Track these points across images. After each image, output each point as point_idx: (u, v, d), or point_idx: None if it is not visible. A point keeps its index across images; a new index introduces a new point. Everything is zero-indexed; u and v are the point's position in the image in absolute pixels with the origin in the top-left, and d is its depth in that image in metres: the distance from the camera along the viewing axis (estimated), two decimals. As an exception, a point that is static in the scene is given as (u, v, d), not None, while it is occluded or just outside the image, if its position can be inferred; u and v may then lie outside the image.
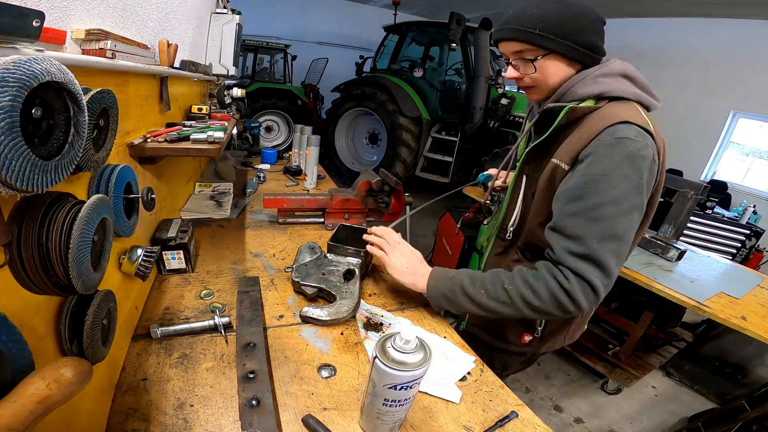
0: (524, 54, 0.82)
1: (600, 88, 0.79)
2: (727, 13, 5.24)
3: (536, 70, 0.82)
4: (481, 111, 4.92)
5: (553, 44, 0.78)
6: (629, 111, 0.76)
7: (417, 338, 0.61)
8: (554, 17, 0.77)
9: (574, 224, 0.75)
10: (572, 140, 0.79)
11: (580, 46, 0.79)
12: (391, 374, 0.58)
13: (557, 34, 0.78)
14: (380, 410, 0.64)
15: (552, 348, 1.09)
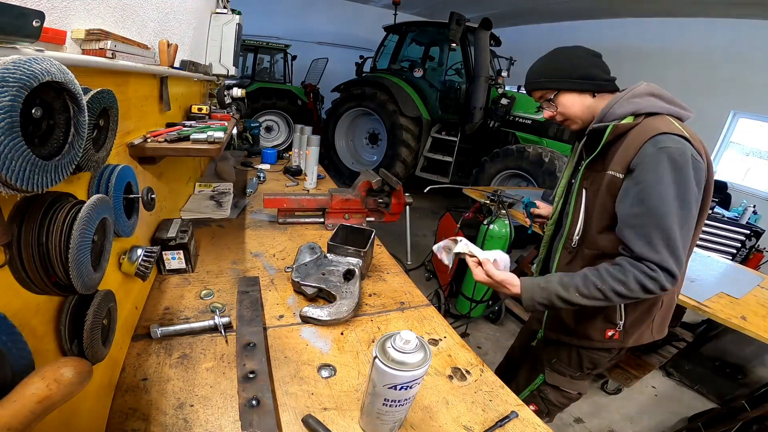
0: (544, 97, 1.07)
1: (634, 107, 0.95)
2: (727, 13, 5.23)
3: (557, 107, 1.06)
4: (481, 111, 4.92)
5: (557, 84, 1.03)
6: (664, 123, 0.90)
7: (417, 338, 0.61)
8: (551, 65, 1.05)
9: (643, 223, 0.88)
10: (621, 153, 0.93)
11: (579, 78, 1.02)
12: (391, 374, 0.59)
13: (557, 77, 1.03)
14: (380, 410, 0.64)
15: (640, 341, 1.12)
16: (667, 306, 1.12)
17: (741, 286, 1.89)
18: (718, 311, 1.61)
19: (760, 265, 3.48)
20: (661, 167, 0.86)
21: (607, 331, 1.09)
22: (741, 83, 5.33)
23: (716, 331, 2.52)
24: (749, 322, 1.55)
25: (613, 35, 6.64)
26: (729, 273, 2.09)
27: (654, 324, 1.12)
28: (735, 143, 5.76)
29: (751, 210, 4.65)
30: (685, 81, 5.81)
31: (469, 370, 0.87)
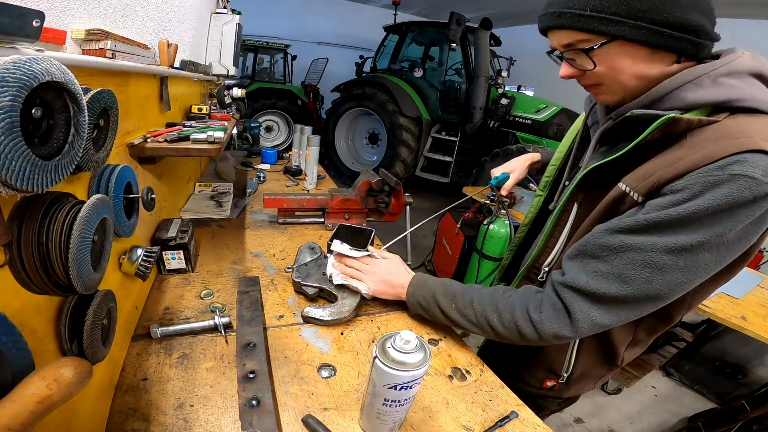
0: (577, 45, 0.60)
1: (724, 94, 0.55)
2: (727, 13, 5.24)
3: (596, 65, 0.60)
4: (481, 111, 4.92)
5: (614, 27, 0.55)
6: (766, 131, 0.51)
7: (417, 338, 0.61)
8: None
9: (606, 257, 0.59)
10: (661, 162, 0.57)
11: (666, 27, 0.54)
12: (391, 374, 0.59)
13: (621, 13, 0.54)
14: (380, 410, 0.64)
15: (581, 391, 0.95)
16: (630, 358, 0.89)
17: (741, 286, 1.89)
18: (718, 311, 1.61)
19: (760, 265, 3.48)
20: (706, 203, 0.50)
21: (546, 380, 0.91)
22: (741, 83, 5.32)
23: (716, 331, 2.52)
24: (749, 322, 1.55)
25: (613, 35, 6.63)
26: (729, 273, 2.09)
27: (601, 380, 0.93)
28: (735, 143, 5.76)
29: (751, 210, 4.64)
30: (685, 81, 5.81)
31: (469, 370, 0.87)
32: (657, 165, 0.57)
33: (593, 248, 0.62)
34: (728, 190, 0.49)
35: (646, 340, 0.82)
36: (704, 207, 0.50)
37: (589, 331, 0.65)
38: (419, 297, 0.87)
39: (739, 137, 0.51)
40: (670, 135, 0.57)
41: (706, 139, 0.54)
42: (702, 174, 0.51)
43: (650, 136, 0.57)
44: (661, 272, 0.55)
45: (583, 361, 0.86)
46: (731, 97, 0.55)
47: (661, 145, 0.59)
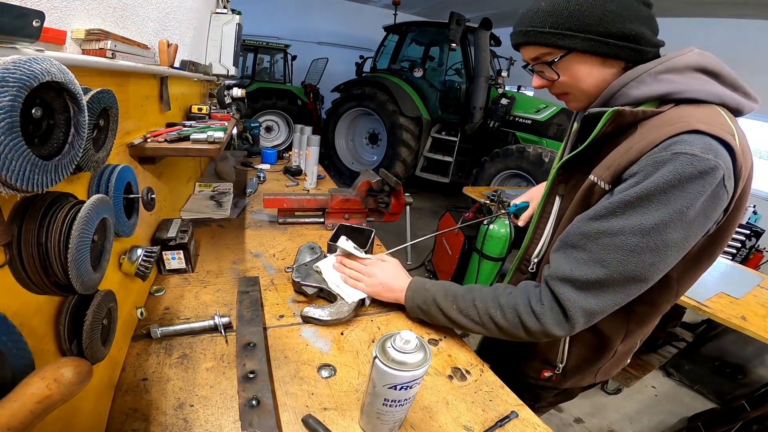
0: (542, 58, 0.69)
1: (665, 88, 0.61)
2: (727, 13, 5.24)
3: (559, 75, 0.69)
4: (481, 111, 4.92)
5: (569, 41, 0.64)
6: (705, 116, 0.58)
7: (417, 338, 0.61)
8: (567, 8, 0.63)
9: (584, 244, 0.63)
10: (618, 152, 0.63)
11: (610, 37, 0.63)
12: (391, 374, 0.59)
13: (573, 28, 0.63)
14: (380, 410, 0.64)
15: (580, 383, 0.96)
16: (620, 356, 0.91)
17: (741, 286, 1.89)
18: (718, 311, 1.61)
19: (760, 265, 3.48)
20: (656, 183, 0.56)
21: (543, 371, 0.95)
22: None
23: (716, 331, 2.52)
24: (749, 322, 1.55)
25: (613, 35, 6.63)
26: (729, 273, 2.10)
27: (601, 370, 0.93)
28: (735, 143, 5.76)
29: (751, 210, 4.64)
30: (685, 81, 5.81)
31: (469, 370, 0.87)
32: (615, 155, 0.64)
33: (573, 238, 0.66)
34: (673, 167, 0.55)
35: (638, 331, 0.85)
36: (656, 185, 0.56)
37: (583, 320, 0.66)
38: (418, 301, 0.86)
39: (678, 122, 0.57)
40: (622, 127, 0.64)
41: (651, 127, 0.60)
42: (650, 156, 0.58)
43: (604, 129, 0.64)
44: (633, 254, 0.59)
45: (576, 353, 0.89)
46: (671, 90, 0.62)
47: (617, 137, 0.66)
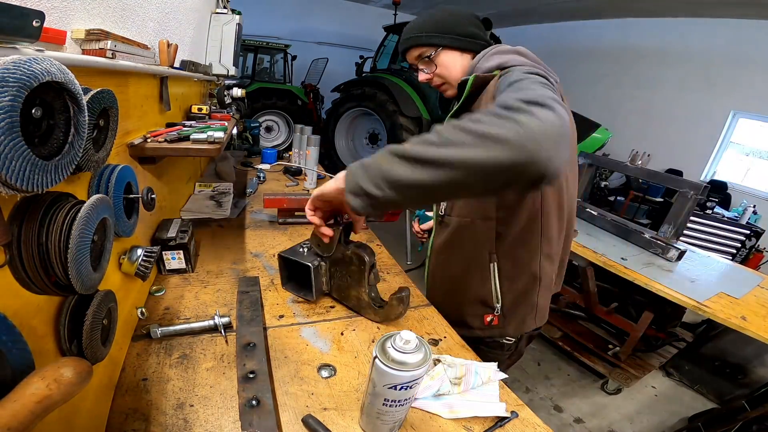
0: (423, 55, 0.99)
1: (498, 60, 0.89)
2: (727, 13, 5.23)
3: (436, 66, 0.98)
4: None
5: (439, 40, 0.96)
6: None
7: (417, 338, 0.62)
8: (433, 20, 0.97)
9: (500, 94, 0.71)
10: (484, 98, 0.88)
11: (462, 36, 0.96)
12: (391, 374, 0.59)
13: (439, 31, 0.96)
14: (380, 410, 0.64)
15: (522, 329, 1.06)
16: (545, 287, 1.04)
17: (741, 286, 1.89)
18: (718, 311, 1.61)
19: (760, 265, 3.48)
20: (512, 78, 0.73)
21: (485, 316, 1.04)
22: (741, 83, 5.32)
23: (716, 331, 2.52)
24: (749, 322, 1.55)
25: (613, 35, 6.64)
26: (729, 273, 2.10)
27: (538, 309, 1.06)
28: (735, 143, 5.75)
29: (751, 210, 4.65)
30: (685, 81, 5.81)
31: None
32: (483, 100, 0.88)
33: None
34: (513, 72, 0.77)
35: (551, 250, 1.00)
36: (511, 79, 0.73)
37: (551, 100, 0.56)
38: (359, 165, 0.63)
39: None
40: (480, 87, 0.89)
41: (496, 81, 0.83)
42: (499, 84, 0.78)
43: (471, 88, 0.88)
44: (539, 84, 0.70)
45: (507, 288, 1.01)
46: (503, 61, 0.88)
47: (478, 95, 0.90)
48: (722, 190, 5.37)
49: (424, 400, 0.74)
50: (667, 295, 1.73)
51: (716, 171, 5.91)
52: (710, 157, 5.83)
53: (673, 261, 2.07)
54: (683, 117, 5.83)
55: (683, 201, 2.05)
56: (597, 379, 2.40)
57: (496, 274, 1.00)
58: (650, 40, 6.21)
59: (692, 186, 2.03)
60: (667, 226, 2.14)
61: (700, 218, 2.77)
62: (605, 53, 6.66)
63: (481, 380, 0.79)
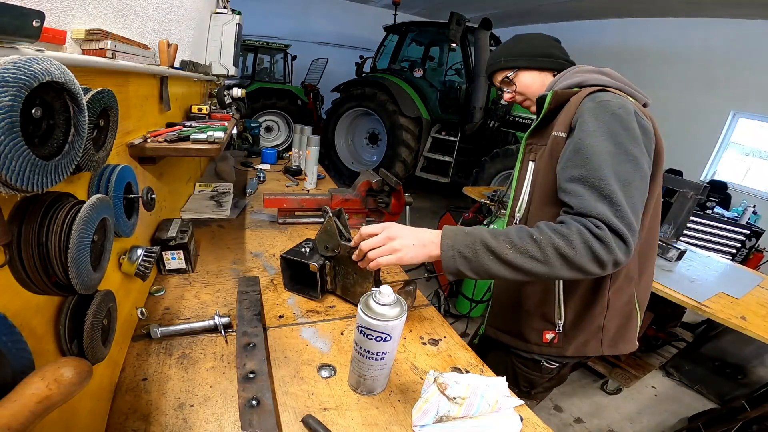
0: (505, 78, 1.07)
1: (579, 78, 0.93)
2: (727, 13, 5.23)
3: (516, 86, 1.07)
4: (481, 111, 4.92)
5: (515, 62, 1.05)
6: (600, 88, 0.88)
7: (394, 295, 0.70)
8: (510, 46, 1.07)
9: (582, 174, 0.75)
10: (563, 115, 0.89)
11: (538, 56, 1.03)
12: (364, 320, 0.68)
13: (515, 55, 1.05)
14: (358, 362, 0.72)
15: (584, 352, 0.99)
16: (621, 313, 0.97)
17: (741, 286, 1.89)
18: (718, 311, 1.61)
19: (760, 265, 3.48)
20: (599, 120, 0.78)
21: (545, 333, 0.98)
22: (741, 83, 5.32)
23: (716, 331, 2.52)
24: (749, 322, 1.55)
25: (613, 35, 6.64)
26: (729, 273, 2.09)
27: (605, 334, 0.97)
28: (735, 143, 5.76)
29: (751, 210, 4.65)
30: (685, 81, 5.81)
31: (468, 371, 0.87)
32: (561, 117, 0.89)
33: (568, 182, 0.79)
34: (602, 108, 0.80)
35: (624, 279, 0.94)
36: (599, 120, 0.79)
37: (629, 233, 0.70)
38: (460, 246, 0.73)
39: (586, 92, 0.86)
40: (560, 103, 0.91)
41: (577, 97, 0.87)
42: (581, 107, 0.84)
43: (550, 105, 0.91)
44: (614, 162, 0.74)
45: (572, 305, 0.96)
46: (582, 80, 0.92)
47: (558, 111, 0.92)
48: (722, 190, 5.37)
49: (427, 428, 0.70)
50: (667, 295, 1.73)
51: (716, 171, 5.91)
52: (710, 157, 5.83)
53: (673, 261, 2.07)
54: (683, 117, 5.83)
55: (683, 201, 2.05)
56: (597, 379, 2.40)
57: (560, 287, 0.95)
58: (650, 40, 6.22)
59: (692, 186, 2.03)
60: (667, 226, 2.14)
61: (700, 218, 2.77)
62: (605, 53, 6.66)
63: (488, 404, 0.72)
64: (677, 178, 2.31)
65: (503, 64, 1.06)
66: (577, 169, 0.76)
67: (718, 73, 5.53)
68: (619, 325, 0.98)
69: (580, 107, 0.84)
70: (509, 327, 1.06)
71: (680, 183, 2.11)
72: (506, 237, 0.73)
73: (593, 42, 6.87)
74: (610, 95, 0.82)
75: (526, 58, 1.04)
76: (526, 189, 0.99)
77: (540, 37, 1.07)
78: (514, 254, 0.71)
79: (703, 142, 5.82)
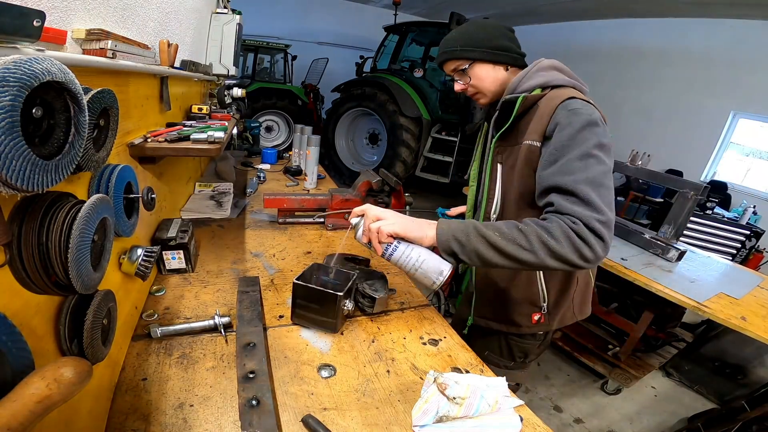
0: (458, 68, 1.03)
1: (542, 79, 0.95)
2: (727, 13, 5.23)
3: (471, 78, 1.03)
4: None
5: (472, 53, 1.00)
6: (569, 92, 0.93)
7: None
8: (467, 34, 1.01)
9: (558, 180, 0.83)
10: (535, 122, 0.93)
11: (494, 49, 1.00)
12: None
13: (473, 45, 1.00)
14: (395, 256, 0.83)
15: (563, 322, 1.14)
16: (583, 285, 1.12)
17: (741, 286, 1.89)
18: (718, 311, 1.61)
19: (760, 266, 3.48)
20: (574, 128, 0.84)
21: (533, 315, 1.09)
22: (741, 83, 5.32)
23: (716, 331, 2.52)
24: (749, 323, 1.55)
25: (613, 35, 6.64)
26: (729, 273, 2.09)
27: (574, 304, 1.12)
28: (735, 143, 5.75)
29: (751, 210, 4.65)
30: (685, 81, 5.81)
31: (468, 370, 0.87)
32: (535, 124, 0.93)
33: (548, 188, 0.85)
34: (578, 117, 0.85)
35: None
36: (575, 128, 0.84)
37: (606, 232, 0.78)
38: (455, 231, 0.83)
39: (560, 97, 0.90)
40: (528, 106, 0.95)
41: (547, 101, 0.92)
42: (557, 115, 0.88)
43: (519, 109, 0.94)
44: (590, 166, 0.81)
45: (552, 288, 1.06)
46: (546, 80, 0.95)
47: (524, 115, 0.96)
48: (722, 190, 5.37)
49: (427, 428, 0.70)
50: (667, 295, 1.73)
51: (716, 171, 5.90)
52: (710, 157, 5.82)
53: (673, 261, 2.07)
54: (683, 117, 5.83)
55: (683, 201, 2.05)
56: (597, 379, 2.40)
57: (541, 276, 1.05)
58: (650, 40, 6.21)
59: (692, 186, 2.02)
60: (667, 227, 2.14)
61: (700, 219, 2.77)
62: (605, 53, 6.66)
63: (488, 404, 0.73)
64: (677, 178, 2.31)
65: (458, 54, 1.01)
66: (554, 177, 0.84)
67: (718, 74, 5.52)
68: (583, 293, 1.14)
69: (554, 116, 0.89)
70: (499, 315, 1.14)
71: (680, 183, 2.11)
72: (495, 227, 0.82)
73: (593, 42, 6.86)
74: (579, 103, 0.88)
75: (483, 50, 1.00)
76: (497, 191, 1.03)
77: (496, 26, 1.03)
78: (503, 241, 0.80)
79: (703, 142, 5.81)
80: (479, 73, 1.02)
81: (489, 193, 1.06)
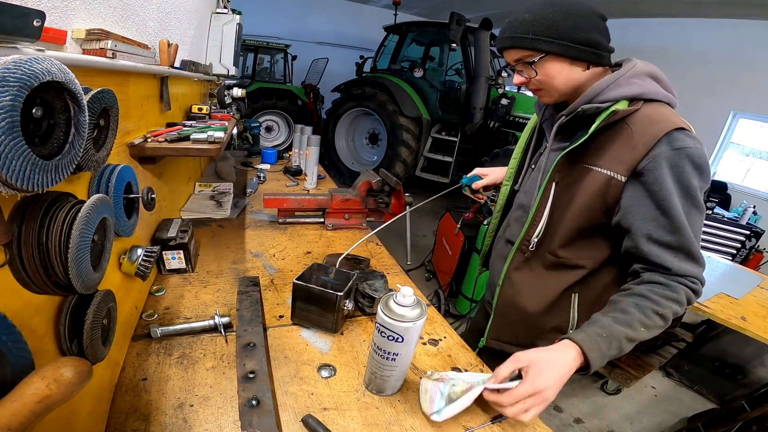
0: (524, 59, 0.82)
1: (635, 90, 0.79)
2: (727, 13, 5.23)
3: (537, 73, 0.83)
4: (481, 111, 4.91)
5: (547, 46, 0.78)
6: (670, 114, 0.78)
7: (415, 297, 0.69)
8: (545, 19, 0.78)
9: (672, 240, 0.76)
10: (620, 149, 0.78)
11: (578, 44, 0.78)
12: (384, 320, 0.68)
13: (550, 36, 0.78)
14: (375, 361, 0.71)
15: None
16: None
17: (741, 286, 1.89)
18: (718, 311, 1.61)
19: (760, 266, 3.48)
20: (686, 174, 0.73)
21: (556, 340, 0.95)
22: (741, 84, 5.33)
23: (716, 331, 2.52)
24: (749, 323, 1.55)
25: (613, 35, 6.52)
26: (729, 273, 2.10)
27: None
28: (735, 144, 5.76)
29: (751, 210, 4.65)
30: (685, 81, 5.80)
31: (468, 370, 0.87)
32: (620, 150, 0.78)
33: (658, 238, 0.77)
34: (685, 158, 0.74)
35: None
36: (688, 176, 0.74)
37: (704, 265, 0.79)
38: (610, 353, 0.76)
39: (662, 122, 0.76)
40: (611, 122, 0.78)
41: (640, 124, 0.77)
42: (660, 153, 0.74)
43: (600, 124, 0.78)
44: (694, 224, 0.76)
45: (584, 314, 0.93)
46: (641, 91, 0.79)
47: (606, 132, 0.80)
48: (722, 190, 5.37)
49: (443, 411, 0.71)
50: (667, 295, 1.73)
51: (716, 171, 5.91)
52: (710, 157, 5.83)
53: (673, 261, 2.07)
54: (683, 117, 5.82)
55: (683, 201, 2.05)
56: (597, 379, 2.40)
57: (575, 305, 0.93)
58: (650, 40, 6.22)
59: (692, 186, 2.02)
60: (667, 227, 2.14)
61: (700, 218, 2.76)
62: (605, 53, 6.65)
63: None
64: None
65: (529, 44, 0.79)
66: (664, 233, 0.76)
67: (718, 74, 5.53)
68: None
69: (654, 151, 0.74)
70: (519, 340, 1.01)
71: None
72: (639, 322, 0.76)
73: (593, 42, 6.86)
74: (689, 140, 0.74)
75: (563, 43, 0.78)
76: (545, 214, 0.88)
77: (586, 14, 0.79)
78: (648, 332, 0.77)
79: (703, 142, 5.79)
80: (551, 69, 0.81)
81: (536, 214, 0.90)
